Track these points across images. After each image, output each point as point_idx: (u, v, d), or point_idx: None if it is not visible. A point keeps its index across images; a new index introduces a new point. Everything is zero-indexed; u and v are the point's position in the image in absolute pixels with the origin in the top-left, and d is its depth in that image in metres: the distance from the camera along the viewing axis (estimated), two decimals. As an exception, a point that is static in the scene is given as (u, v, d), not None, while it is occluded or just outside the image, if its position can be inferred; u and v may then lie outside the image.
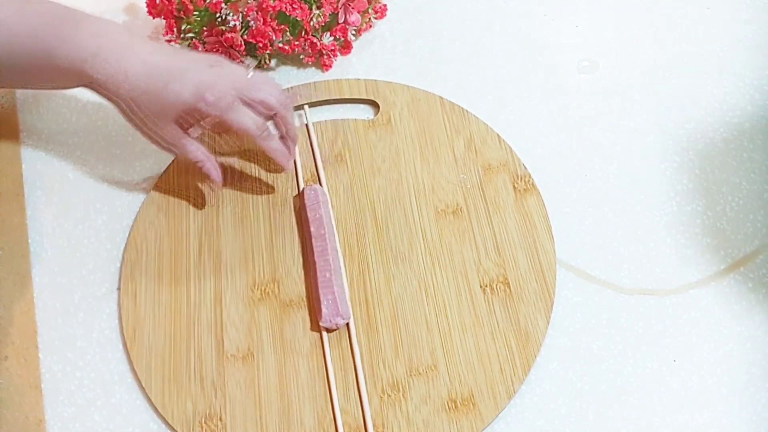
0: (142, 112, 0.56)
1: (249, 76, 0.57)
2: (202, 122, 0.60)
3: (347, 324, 0.56)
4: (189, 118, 0.57)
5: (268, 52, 0.68)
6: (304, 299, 0.58)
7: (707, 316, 0.57)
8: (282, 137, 0.60)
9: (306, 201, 0.60)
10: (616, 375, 0.54)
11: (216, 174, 0.60)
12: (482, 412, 0.52)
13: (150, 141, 0.58)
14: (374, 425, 0.52)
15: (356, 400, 0.53)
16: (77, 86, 0.57)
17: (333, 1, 0.70)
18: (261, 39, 0.66)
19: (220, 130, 0.64)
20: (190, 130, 0.59)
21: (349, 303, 0.57)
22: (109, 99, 0.57)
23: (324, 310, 0.55)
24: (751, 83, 0.68)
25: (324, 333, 0.56)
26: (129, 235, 0.61)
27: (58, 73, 0.56)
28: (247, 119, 0.56)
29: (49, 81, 0.59)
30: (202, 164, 0.59)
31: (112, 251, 0.61)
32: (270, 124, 0.60)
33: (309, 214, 0.59)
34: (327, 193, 0.62)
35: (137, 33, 0.66)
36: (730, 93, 0.68)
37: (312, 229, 0.59)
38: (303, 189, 0.61)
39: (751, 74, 0.69)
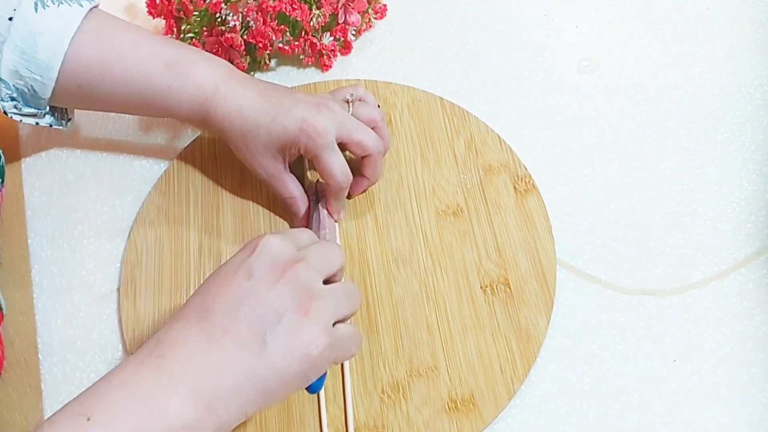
0: (251, 144, 0.57)
1: (350, 112, 0.58)
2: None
3: None
4: (289, 153, 0.58)
5: (267, 52, 0.68)
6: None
7: (707, 316, 0.57)
8: (363, 176, 0.60)
9: (310, 199, 0.60)
10: (616, 375, 0.54)
11: (303, 213, 0.60)
12: (482, 413, 0.52)
13: (254, 173, 0.59)
14: (375, 426, 0.52)
15: (352, 401, 0.53)
16: (189, 121, 0.59)
17: (333, 2, 0.69)
18: (261, 39, 0.66)
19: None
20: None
21: None
22: (222, 132, 0.58)
23: None
24: (751, 83, 0.68)
25: None
26: (129, 235, 0.61)
27: (174, 108, 0.57)
28: (336, 165, 0.56)
29: (161, 114, 0.61)
30: (294, 201, 0.59)
31: (112, 252, 0.61)
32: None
33: (311, 213, 0.59)
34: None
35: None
36: (730, 93, 0.68)
37: (312, 228, 0.58)
38: (314, 183, 0.61)
39: (751, 74, 0.69)
